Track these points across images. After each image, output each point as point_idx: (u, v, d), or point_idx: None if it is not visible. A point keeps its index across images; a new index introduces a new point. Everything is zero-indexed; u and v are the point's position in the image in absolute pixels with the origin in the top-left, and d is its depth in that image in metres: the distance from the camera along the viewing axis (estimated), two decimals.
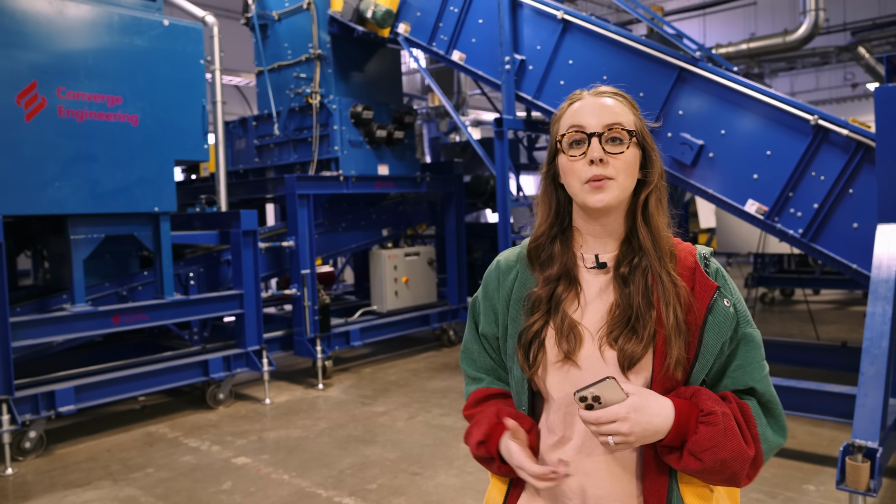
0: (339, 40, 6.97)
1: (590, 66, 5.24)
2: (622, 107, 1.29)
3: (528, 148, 8.05)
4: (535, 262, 1.36)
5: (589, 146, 1.24)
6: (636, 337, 1.23)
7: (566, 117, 1.30)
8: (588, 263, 1.33)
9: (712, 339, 1.24)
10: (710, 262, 1.32)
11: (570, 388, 1.26)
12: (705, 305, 1.25)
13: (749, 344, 1.28)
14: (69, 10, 4.80)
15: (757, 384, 1.28)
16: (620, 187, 1.25)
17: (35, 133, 4.62)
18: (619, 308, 1.27)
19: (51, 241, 5.76)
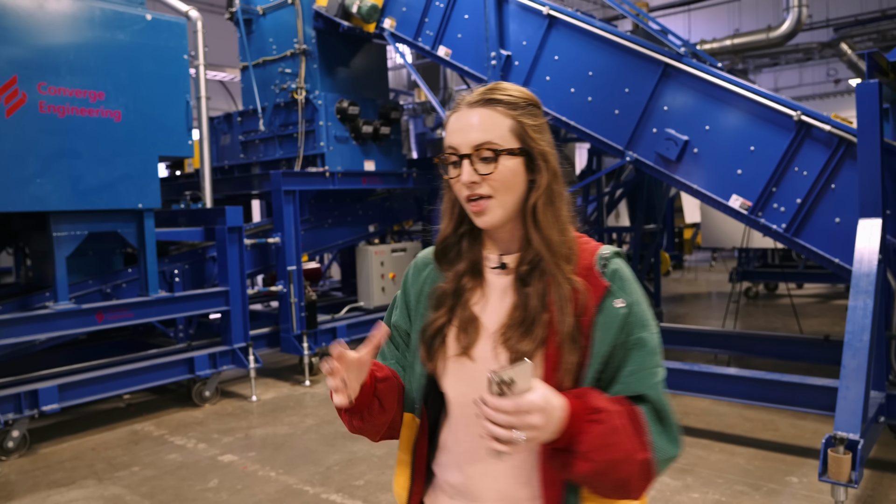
0: (324, 35, 6.94)
1: (575, 61, 5.25)
2: (493, 118, 1.24)
3: None
4: (443, 260, 1.36)
5: (462, 168, 1.23)
6: (528, 338, 1.21)
7: (446, 132, 1.28)
8: (491, 264, 1.33)
9: (599, 340, 1.20)
10: (608, 263, 1.28)
11: (465, 385, 1.26)
12: (594, 307, 1.21)
13: (642, 349, 1.22)
14: (50, 5, 4.74)
15: (648, 391, 1.20)
16: (502, 205, 1.24)
17: (16, 129, 4.56)
18: (517, 309, 1.25)
19: (33, 239, 5.70)
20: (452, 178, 1.26)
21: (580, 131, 5.27)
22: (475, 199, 1.23)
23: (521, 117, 1.25)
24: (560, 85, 5.33)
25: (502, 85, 1.29)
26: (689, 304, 10.16)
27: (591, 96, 5.18)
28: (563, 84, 5.32)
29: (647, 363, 1.21)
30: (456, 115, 1.28)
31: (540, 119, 1.28)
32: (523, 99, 1.28)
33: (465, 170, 1.22)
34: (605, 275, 1.25)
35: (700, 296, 10.97)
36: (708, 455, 4.20)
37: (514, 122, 1.25)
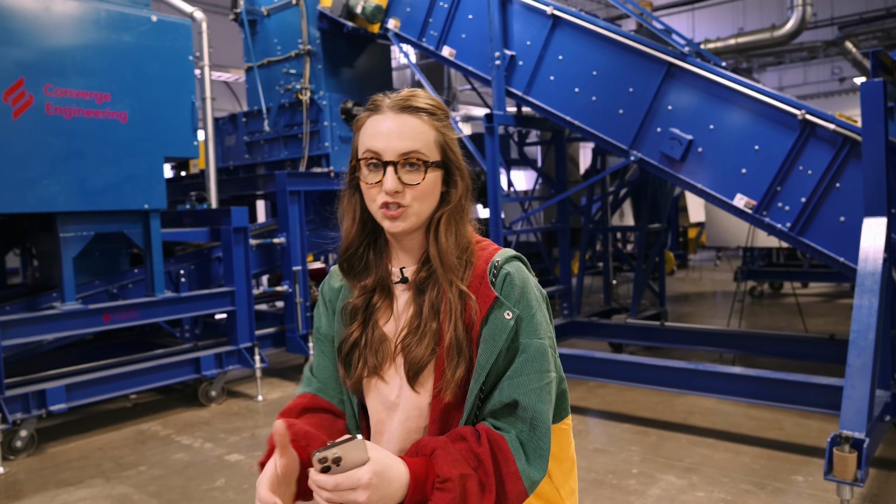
0: (328, 36, 6.95)
1: (579, 61, 5.26)
2: (422, 127, 1.22)
3: (519, 143, 8.05)
4: (350, 274, 1.33)
5: (384, 175, 1.20)
6: (422, 346, 1.21)
7: (364, 134, 1.24)
8: (395, 277, 1.31)
9: (484, 350, 1.18)
10: (500, 270, 1.24)
11: (379, 405, 1.27)
12: (481, 317, 1.19)
13: (523, 354, 1.19)
14: (56, 6, 4.77)
15: (521, 397, 1.17)
16: (417, 214, 1.22)
17: (22, 131, 4.59)
18: (413, 318, 1.25)
19: (40, 239, 5.73)
20: (370, 184, 1.22)
21: (584, 131, 5.27)
22: (393, 205, 1.20)
23: (443, 129, 1.25)
24: (564, 85, 5.34)
25: (420, 93, 1.26)
26: (693, 303, 10.16)
27: (595, 96, 5.18)
28: (567, 84, 5.32)
29: (526, 368, 1.18)
30: (378, 118, 1.23)
31: (454, 132, 1.29)
32: (442, 110, 1.27)
33: (388, 177, 1.19)
34: (494, 283, 1.22)
35: (705, 295, 10.96)
36: (713, 454, 4.21)
37: (438, 134, 1.24)
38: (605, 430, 4.78)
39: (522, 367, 1.18)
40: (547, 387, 1.19)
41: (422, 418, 1.23)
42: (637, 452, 4.28)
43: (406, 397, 1.24)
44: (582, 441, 4.51)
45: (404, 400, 1.24)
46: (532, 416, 1.17)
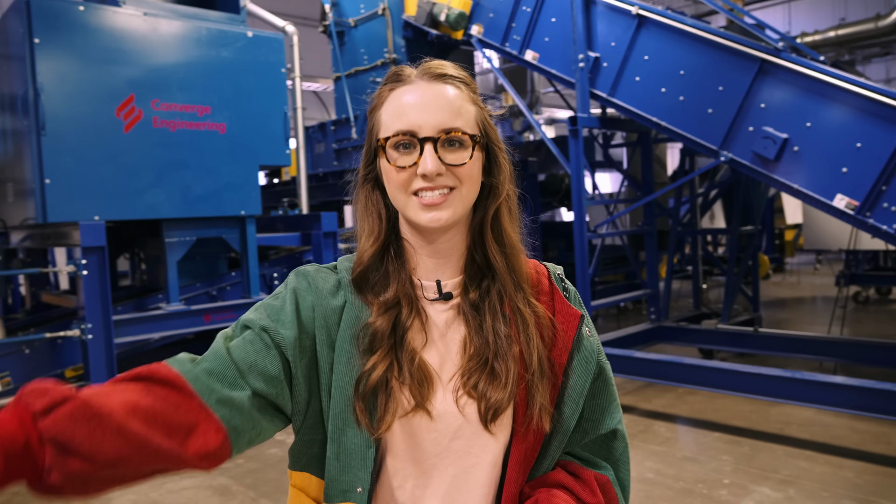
0: (413, 44, 7.09)
1: (666, 61, 5.15)
2: (463, 97, 1.00)
3: (604, 145, 7.94)
4: (366, 287, 1.03)
5: (421, 154, 0.96)
6: (497, 381, 0.98)
7: (389, 109, 1.00)
8: (429, 293, 1.04)
9: (580, 377, 1.02)
10: (567, 285, 1.12)
11: (418, 446, 0.99)
12: (570, 339, 1.03)
13: (608, 378, 1.08)
14: (162, 27, 5.10)
15: (619, 425, 1.08)
16: (463, 200, 0.99)
17: (133, 143, 4.93)
18: (474, 345, 1.01)
19: (147, 244, 6.12)
20: (400, 168, 0.97)
21: (671, 132, 5.15)
22: (431, 190, 0.96)
23: (481, 104, 1.04)
24: (650, 85, 5.24)
25: (448, 64, 1.04)
26: (791, 308, 9.68)
27: (682, 96, 5.06)
28: (653, 84, 5.22)
29: (613, 393, 1.09)
30: (405, 89, 1.00)
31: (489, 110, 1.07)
32: (472, 85, 1.05)
33: (428, 156, 0.95)
34: (569, 298, 1.09)
35: (803, 300, 10.42)
36: (812, 467, 4.02)
37: (478, 109, 1.03)
38: (695, 439, 4.64)
39: (611, 393, 1.08)
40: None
41: (493, 465, 1.01)
42: (729, 462, 4.14)
43: (474, 440, 0.99)
44: (670, 449, 4.40)
45: (471, 443, 0.99)
46: (624, 447, 1.09)
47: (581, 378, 1.03)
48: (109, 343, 4.74)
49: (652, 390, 5.69)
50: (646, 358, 5.10)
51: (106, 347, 4.73)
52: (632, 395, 5.60)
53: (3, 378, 4.74)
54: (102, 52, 4.80)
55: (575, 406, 1.02)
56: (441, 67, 1.01)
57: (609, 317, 9.40)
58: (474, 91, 1.03)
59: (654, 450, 4.39)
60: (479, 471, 1.00)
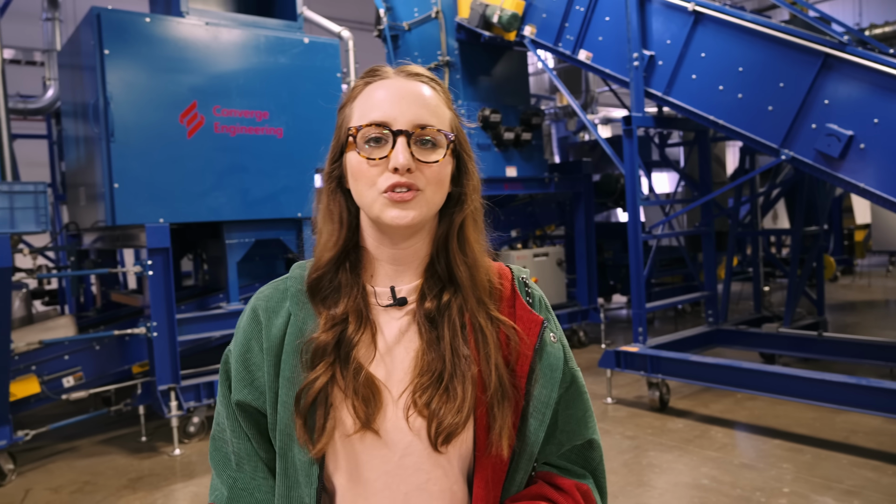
0: (466, 46, 7.12)
1: (724, 57, 5.03)
2: (439, 99, 0.99)
3: (660, 145, 7.80)
4: (317, 297, 1.00)
5: (393, 148, 0.93)
6: (453, 401, 0.93)
7: (362, 103, 0.98)
8: (383, 300, 1.01)
9: (544, 387, 0.98)
10: (530, 288, 1.07)
11: (366, 464, 0.95)
12: (531, 346, 0.98)
13: (580, 387, 1.05)
14: (222, 35, 5.28)
15: (594, 434, 1.06)
16: (429, 203, 0.96)
17: (195, 148, 5.12)
18: (427, 359, 0.96)
19: (209, 246, 6.34)
20: (372, 160, 0.94)
21: (730, 130, 5.03)
22: (401, 188, 0.93)
23: (455, 111, 1.03)
24: (707, 83, 5.12)
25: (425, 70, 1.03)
26: (860, 312, 9.29)
27: (741, 93, 4.93)
28: (710, 82, 5.11)
29: (586, 401, 1.06)
30: (387, 84, 0.98)
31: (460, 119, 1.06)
32: (449, 95, 1.05)
33: (400, 150, 0.92)
34: (532, 304, 1.05)
35: (874, 304, 9.98)
36: (879, 478, 3.85)
37: (452, 115, 1.02)
38: (754, 445, 4.52)
39: (584, 401, 1.05)
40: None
41: (448, 479, 0.97)
42: (789, 470, 4.01)
43: (425, 457, 0.96)
44: (727, 455, 4.30)
45: (421, 460, 0.96)
46: (601, 456, 1.07)
47: (546, 388, 0.98)
48: (173, 341, 4.93)
49: (709, 395, 5.56)
50: (702, 361, 4.99)
51: (170, 345, 4.93)
52: (687, 400, 5.48)
53: (75, 373, 4.99)
54: (167, 62, 5.00)
55: (542, 418, 0.98)
56: (418, 69, 1.01)
57: (666, 319, 9.21)
58: (450, 99, 1.03)
59: (710, 456, 4.29)
60: (433, 486, 0.96)
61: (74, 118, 5.64)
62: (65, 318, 5.43)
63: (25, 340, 4.72)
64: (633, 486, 3.90)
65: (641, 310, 5.49)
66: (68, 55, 5.71)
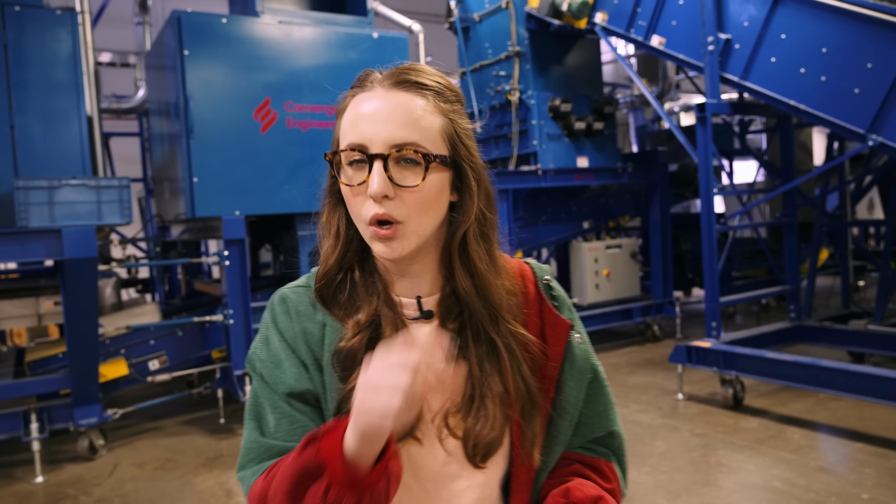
0: (536, 35, 7.04)
1: (806, 39, 4.76)
2: (424, 108, 0.91)
3: (741, 133, 7.46)
4: (332, 304, 0.98)
5: (370, 173, 0.88)
6: (485, 420, 0.93)
7: (347, 118, 0.93)
8: (409, 312, 0.98)
9: (574, 389, 1.00)
10: (554, 289, 1.05)
11: (420, 467, 0.95)
12: (560, 351, 0.99)
13: (602, 381, 1.06)
14: (295, 33, 5.44)
15: (615, 426, 1.08)
16: (416, 231, 0.91)
17: (269, 143, 5.31)
18: (457, 381, 0.96)
19: (284, 237, 6.57)
20: (354, 187, 0.90)
21: (812, 115, 4.76)
22: (384, 221, 0.89)
23: (451, 115, 0.94)
24: (787, 66, 4.87)
25: (424, 67, 0.96)
26: None
27: (824, 76, 4.65)
28: (790, 65, 4.85)
29: (608, 395, 1.08)
30: (363, 97, 0.92)
31: (468, 122, 0.98)
32: (451, 91, 0.96)
33: (375, 176, 0.87)
34: (558, 307, 1.04)
35: None
36: None
37: (446, 121, 0.93)
38: (833, 448, 4.29)
39: (606, 395, 1.07)
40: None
41: (489, 486, 0.99)
42: (870, 476, 3.79)
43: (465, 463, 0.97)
44: (803, 457, 4.10)
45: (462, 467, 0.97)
46: (621, 442, 1.11)
47: (575, 389, 1.01)
48: (248, 328, 5.15)
49: (788, 394, 5.30)
50: (779, 359, 4.77)
51: (245, 332, 5.15)
52: (764, 399, 5.25)
53: (160, 357, 5.29)
54: (242, 60, 5.21)
55: (571, 419, 1.01)
56: (407, 73, 0.93)
57: (749, 314, 8.84)
58: (448, 100, 0.95)
59: (784, 457, 4.10)
60: (472, 493, 0.98)
61: (159, 116, 5.96)
62: (150, 305, 5.76)
63: (114, 325, 5.05)
64: (698, 485, 3.78)
65: (715, 304, 5.30)
66: (153, 57, 6.04)
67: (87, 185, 4.01)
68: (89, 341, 4.43)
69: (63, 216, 3.99)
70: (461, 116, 0.96)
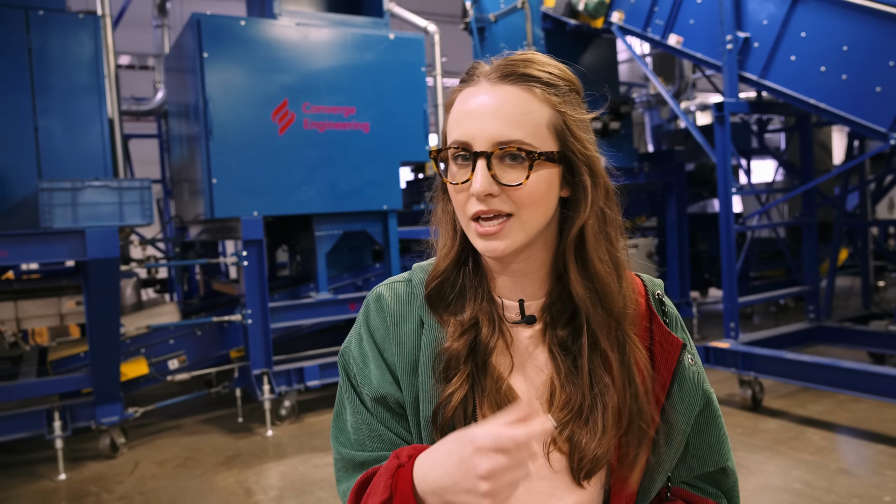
0: (552, 35, 7.03)
1: (826, 36, 4.72)
2: (527, 104, 0.87)
3: (759, 132, 7.41)
4: (441, 304, 0.95)
5: (473, 171, 0.86)
6: (593, 434, 0.88)
7: (454, 114, 0.91)
8: (511, 313, 0.95)
9: (682, 415, 0.93)
10: (667, 306, 0.99)
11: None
12: (670, 372, 0.92)
13: (714, 410, 0.98)
14: (312, 35, 5.47)
15: (728, 461, 1.00)
16: (524, 229, 0.87)
17: (286, 144, 5.34)
18: (567, 391, 0.90)
19: (300, 238, 6.61)
20: (456, 185, 0.89)
21: (832, 114, 4.72)
22: (488, 217, 0.87)
23: (562, 107, 0.89)
24: (807, 65, 4.83)
25: (537, 57, 0.91)
26: None
27: (845, 74, 4.61)
28: (811, 63, 4.81)
29: (720, 425, 1.00)
30: (470, 92, 0.90)
31: (584, 112, 0.93)
32: (565, 81, 0.91)
33: (478, 175, 0.85)
34: (669, 324, 0.97)
35: None
36: None
37: (555, 113, 0.89)
38: (854, 450, 4.25)
39: (719, 426, 1.00)
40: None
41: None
42: (892, 478, 3.75)
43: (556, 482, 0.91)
44: (824, 459, 4.06)
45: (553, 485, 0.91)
46: (735, 481, 1.03)
47: (684, 416, 0.93)
48: (266, 328, 5.19)
49: (807, 395, 5.26)
50: (798, 360, 4.73)
51: (263, 332, 5.19)
52: (783, 400, 5.21)
53: (179, 356, 5.35)
54: (261, 62, 5.25)
55: (676, 446, 0.94)
56: (515, 65, 0.89)
57: (767, 315, 8.77)
58: (561, 93, 0.90)
59: (804, 459, 4.07)
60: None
61: (178, 118, 6.02)
62: (170, 305, 5.82)
63: (135, 325, 5.11)
64: None
65: (734, 304, 5.27)
66: (173, 59, 6.10)
67: (110, 187, 4.06)
68: (111, 340, 4.48)
69: (86, 217, 4.05)
70: (574, 108, 0.91)
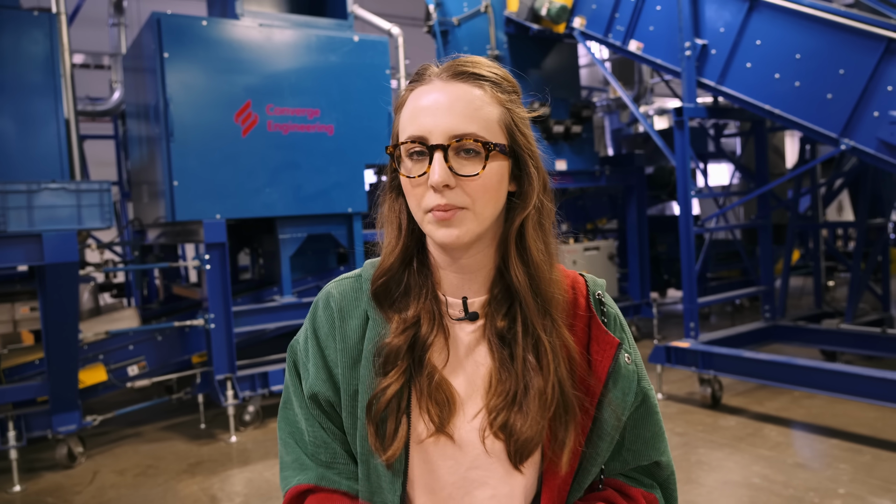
0: (515, 40, 7.10)
1: (780, 45, 4.87)
2: (485, 98, 0.92)
3: (716, 136, 7.60)
4: (386, 301, 0.99)
5: (430, 165, 0.90)
6: (525, 417, 0.91)
7: (406, 112, 0.95)
8: (454, 311, 0.99)
9: (616, 411, 0.96)
10: (605, 304, 1.02)
11: (433, 473, 0.95)
12: (605, 369, 0.96)
13: (651, 406, 1.01)
14: (275, 36, 5.42)
15: (662, 456, 1.03)
16: (478, 218, 0.92)
17: (249, 146, 5.28)
18: (501, 381, 0.94)
19: (264, 241, 6.53)
20: (413, 178, 0.92)
21: (786, 120, 4.88)
22: (444, 207, 0.90)
23: (509, 104, 0.95)
24: (762, 71, 4.98)
25: (481, 60, 0.96)
26: None
27: (798, 81, 4.77)
28: (765, 70, 4.96)
29: (657, 422, 1.03)
30: (423, 90, 0.94)
31: (525, 111, 0.98)
32: (508, 82, 0.97)
33: (436, 167, 0.89)
34: (607, 323, 1.00)
35: None
36: None
37: (503, 110, 0.94)
38: (809, 445, 4.39)
39: (654, 421, 1.03)
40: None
41: (514, 497, 0.96)
42: (846, 471, 3.89)
43: (491, 471, 0.95)
44: (781, 454, 4.19)
45: (488, 474, 0.95)
46: (670, 472, 1.06)
47: (618, 410, 0.96)
48: (230, 332, 5.12)
49: (764, 392, 5.42)
50: (756, 358, 4.87)
51: (226, 336, 5.11)
52: (741, 397, 5.36)
53: (139, 362, 5.23)
54: (223, 63, 5.17)
55: (610, 441, 0.97)
56: (464, 65, 0.94)
57: (724, 314, 9.00)
58: (505, 91, 0.95)
59: (762, 454, 4.19)
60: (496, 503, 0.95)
61: (137, 119, 5.89)
62: (129, 310, 5.69)
63: (93, 331, 4.98)
64: (680, 484, 3.84)
65: (693, 304, 5.39)
66: (131, 59, 5.97)
67: (67, 189, 3.95)
68: (69, 347, 4.36)
69: (43, 220, 3.93)
70: (518, 106, 0.97)
